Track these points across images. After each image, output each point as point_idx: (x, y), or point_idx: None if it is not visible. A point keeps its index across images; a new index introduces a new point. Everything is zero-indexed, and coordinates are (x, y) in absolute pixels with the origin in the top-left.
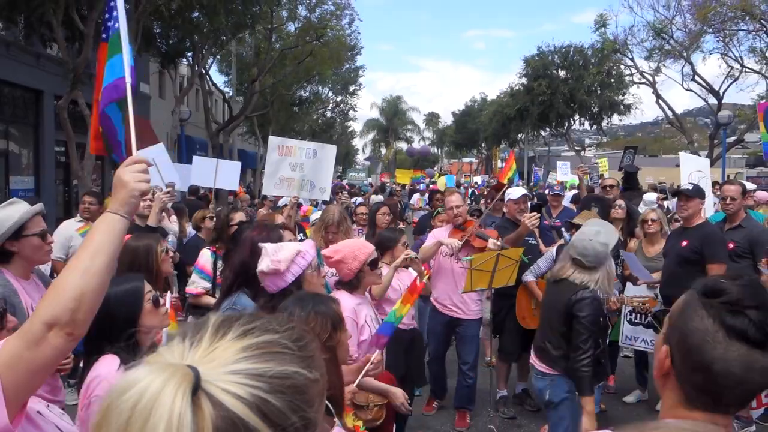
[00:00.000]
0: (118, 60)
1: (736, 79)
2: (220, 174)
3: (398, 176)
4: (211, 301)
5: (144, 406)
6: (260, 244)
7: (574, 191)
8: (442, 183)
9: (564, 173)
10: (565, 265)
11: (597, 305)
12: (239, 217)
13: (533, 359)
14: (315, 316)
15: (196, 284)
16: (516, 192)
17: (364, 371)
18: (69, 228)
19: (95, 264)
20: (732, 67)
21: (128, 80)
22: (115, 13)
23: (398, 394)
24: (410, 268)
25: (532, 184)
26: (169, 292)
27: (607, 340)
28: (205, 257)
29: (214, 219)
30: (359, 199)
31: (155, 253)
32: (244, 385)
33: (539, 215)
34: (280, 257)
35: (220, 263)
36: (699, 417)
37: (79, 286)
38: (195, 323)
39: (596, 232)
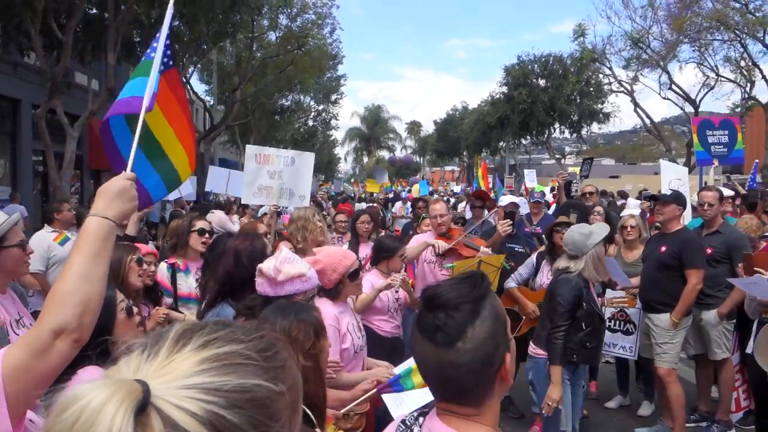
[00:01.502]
0: (141, 81)
1: (712, 88)
2: (231, 182)
3: (368, 185)
4: (178, 315)
5: (82, 424)
6: (284, 247)
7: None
8: (416, 190)
9: (531, 180)
10: (563, 257)
11: (575, 287)
12: (202, 224)
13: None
14: (298, 324)
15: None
16: (505, 200)
17: (351, 406)
18: (45, 239)
19: (97, 269)
20: (708, 76)
21: (145, 103)
22: (155, 44)
23: (381, 372)
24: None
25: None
26: (157, 306)
27: None
28: (162, 272)
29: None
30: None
31: (124, 264)
32: (197, 401)
33: (512, 222)
34: (283, 268)
35: (181, 275)
36: (443, 406)
37: (83, 291)
38: (157, 333)
39: (580, 225)
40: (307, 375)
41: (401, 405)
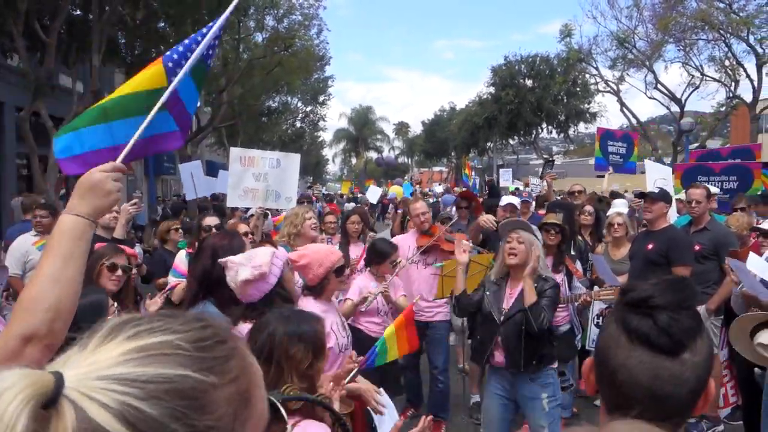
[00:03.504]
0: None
1: (697, 88)
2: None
3: (343, 186)
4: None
5: None
6: (225, 259)
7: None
8: (399, 191)
9: (506, 180)
10: None
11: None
12: (210, 221)
13: None
14: (298, 343)
15: (171, 281)
16: (503, 200)
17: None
18: (25, 243)
19: (68, 271)
20: (693, 76)
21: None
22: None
23: (369, 392)
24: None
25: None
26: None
27: (579, 344)
28: (181, 258)
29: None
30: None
31: (95, 267)
32: (110, 392)
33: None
34: (259, 261)
35: None
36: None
37: (54, 295)
38: (96, 325)
39: None
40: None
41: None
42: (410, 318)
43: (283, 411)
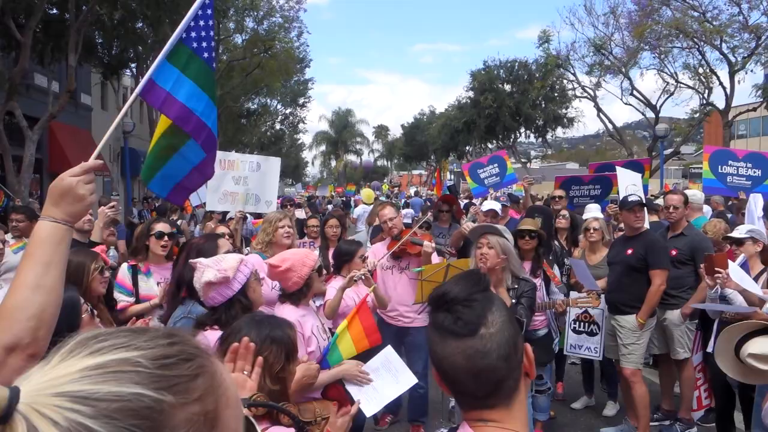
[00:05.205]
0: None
1: (672, 94)
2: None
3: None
4: (140, 308)
5: None
6: (195, 260)
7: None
8: (367, 194)
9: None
10: None
11: None
12: (160, 227)
13: None
14: (270, 345)
15: (118, 300)
16: (485, 205)
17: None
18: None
19: (50, 277)
20: (668, 83)
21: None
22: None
23: (350, 369)
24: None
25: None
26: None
27: (556, 348)
28: (123, 272)
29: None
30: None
31: (87, 270)
32: (62, 409)
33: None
34: (225, 266)
35: (142, 277)
36: (472, 416)
37: (36, 303)
38: (66, 339)
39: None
40: (274, 399)
41: (372, 401)
42: (364, 310)
43: (252, 419)
